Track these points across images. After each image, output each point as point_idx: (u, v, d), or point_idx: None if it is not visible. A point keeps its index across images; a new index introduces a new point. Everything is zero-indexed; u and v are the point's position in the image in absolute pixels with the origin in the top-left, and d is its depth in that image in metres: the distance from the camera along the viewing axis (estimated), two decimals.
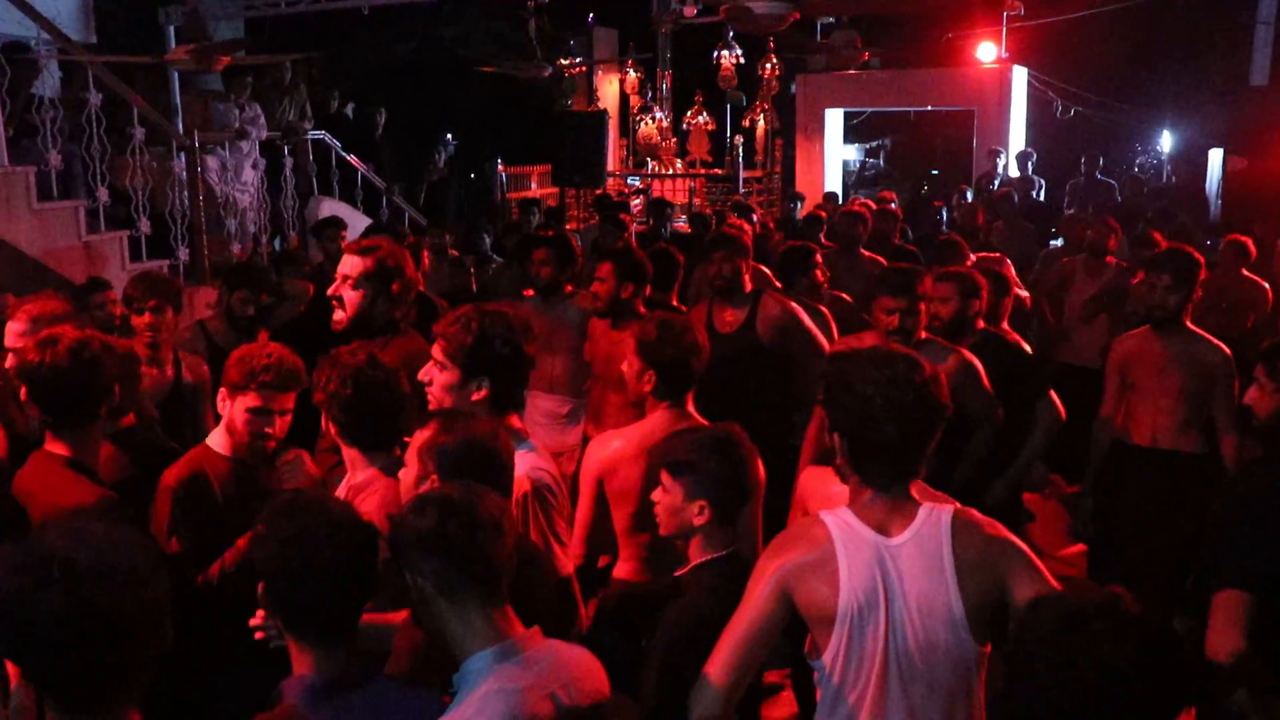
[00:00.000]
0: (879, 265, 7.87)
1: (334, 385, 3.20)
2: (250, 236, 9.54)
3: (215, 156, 9.19)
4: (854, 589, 2.46)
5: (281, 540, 2.25)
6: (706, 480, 2.99)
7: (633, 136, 19.11)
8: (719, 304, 5.75)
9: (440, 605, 2.28)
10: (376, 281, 4.18)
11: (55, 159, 7.62)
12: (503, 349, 3.26)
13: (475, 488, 2.38)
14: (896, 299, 4.62)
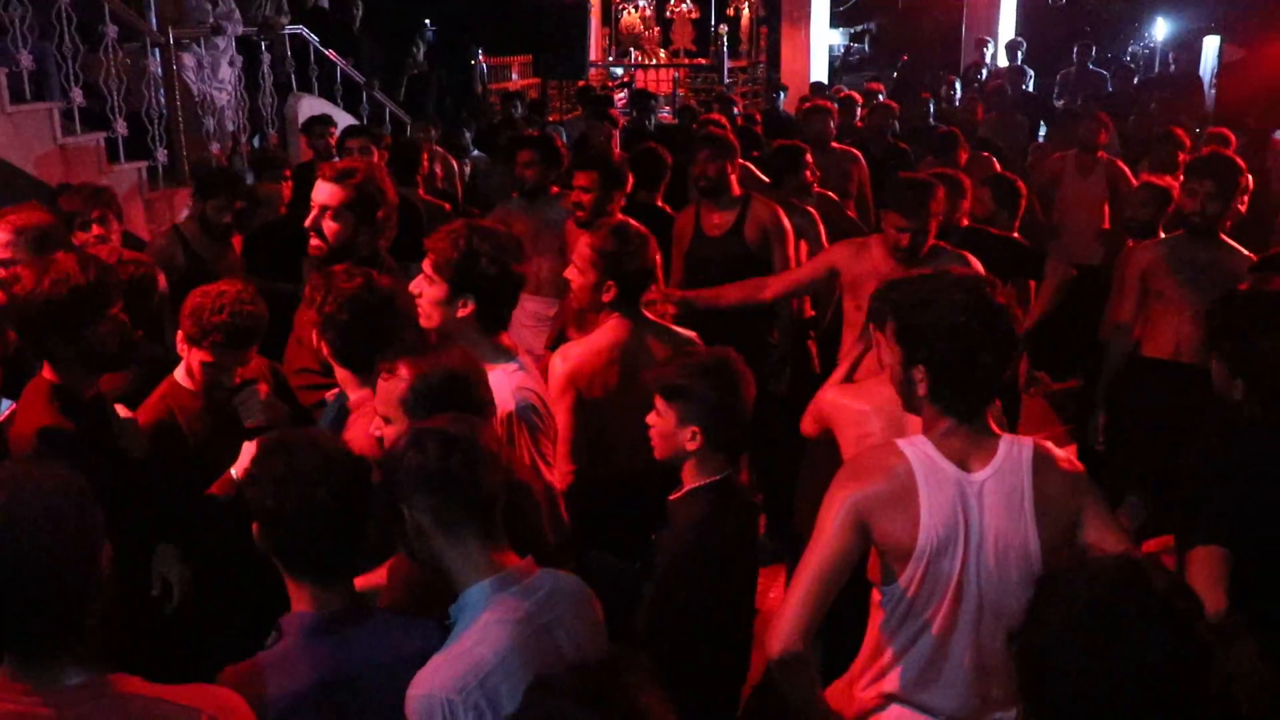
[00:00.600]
0: (853, 157, 7.83)
1: (329, 308, 3.16)
2: (229, 135, 9.33)
3: (191, 54, 8.93)
4: (934, 525, 2.44)
5: (274, 480, 2.22)
6: (699, 406, 2.98)
7: (615, 25, 18.79)
8: (706, 206, 5.69)
9: (438, 539, 2.29)
10: (358, 209, 3.97)
11: (26, 59, 7.39)
12: (489, 267, 3.22)
13: (471, 419, 2.38)
14: (908, 219, 4.54)
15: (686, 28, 18.50)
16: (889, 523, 2.46)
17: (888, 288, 2.64)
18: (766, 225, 5.60)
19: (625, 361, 3.74)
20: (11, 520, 1.83)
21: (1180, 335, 4.94)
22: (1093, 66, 13.13)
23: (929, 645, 2.52)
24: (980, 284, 2.50)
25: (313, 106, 9.81)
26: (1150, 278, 5.03)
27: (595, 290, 3.81)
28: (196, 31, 8.94)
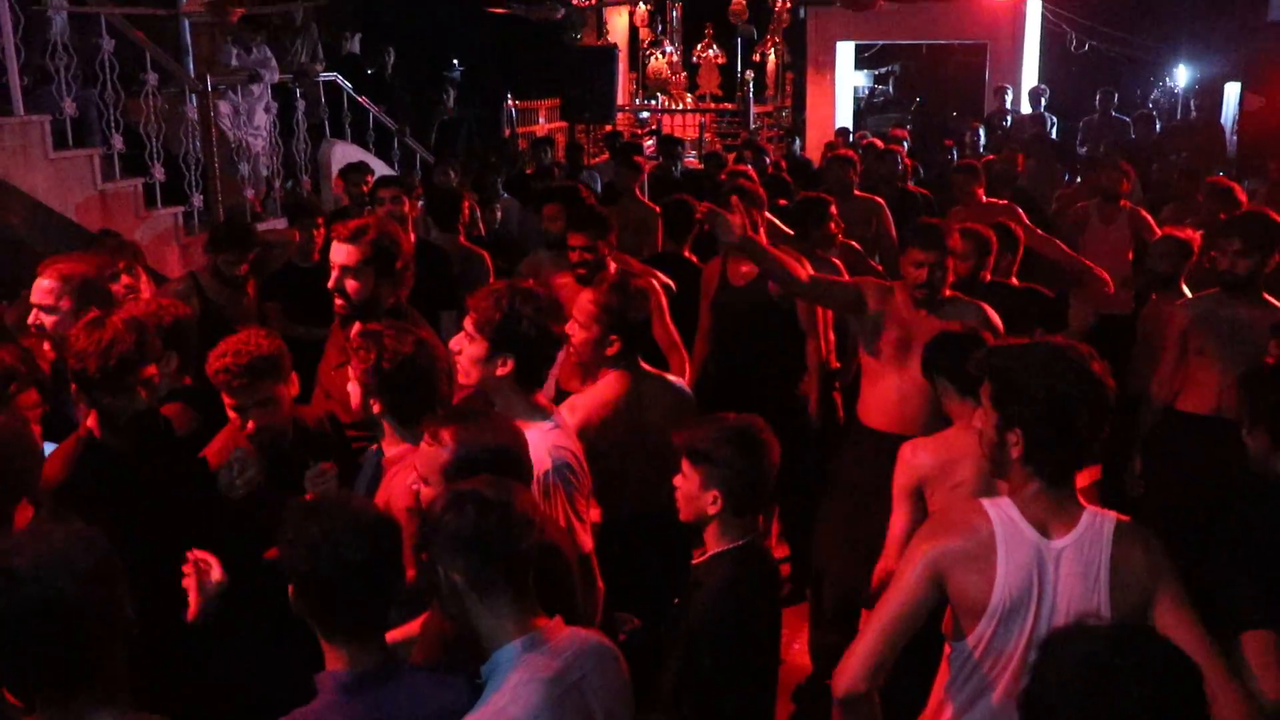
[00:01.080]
0: (876, 206, 7.91)
1: (387, 365, 3.21)
2: (263, 180, 9.52)
3: (227, 100, 9.14)
4: (1008, 587, 2.50)
5: (308, 545, 2.29)
6: (723, 471, 3.03)
7: (642, 70, 18.98)
8: (734, 257, 5.76)
9: (471, 599, 2.35)
10: (376, 264, 4.08)
11: (70, 106, 7.60)
12: (529, 329, 3.30)
13: (506, 483, 2.44)
14: (926, 252, 4.62)
15: (713, 73, 18.68)
16: (964, 579, 2.53)
17: (989, 352, 2.70)
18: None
19: (630, 412, 3.88)
20: (35, 576, 1.94)
21: (1222, 391, 4.95)
22: (1115, 114, 13.20)
23: (989, 706, 2.58)
24: (1080, 353, 2.55)
25: (345, 152, 9.99)
26: (1191, 336, 5.08)
27: (599, 345, 3.95)
28: (233, 79, 9.13)
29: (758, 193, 5.91)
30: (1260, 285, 4.99)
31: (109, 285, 4.68)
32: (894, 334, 4.72)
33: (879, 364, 4.80)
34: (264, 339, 3.46)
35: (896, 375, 4.72)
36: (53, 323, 4.00)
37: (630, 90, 18.62)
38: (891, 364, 4.74)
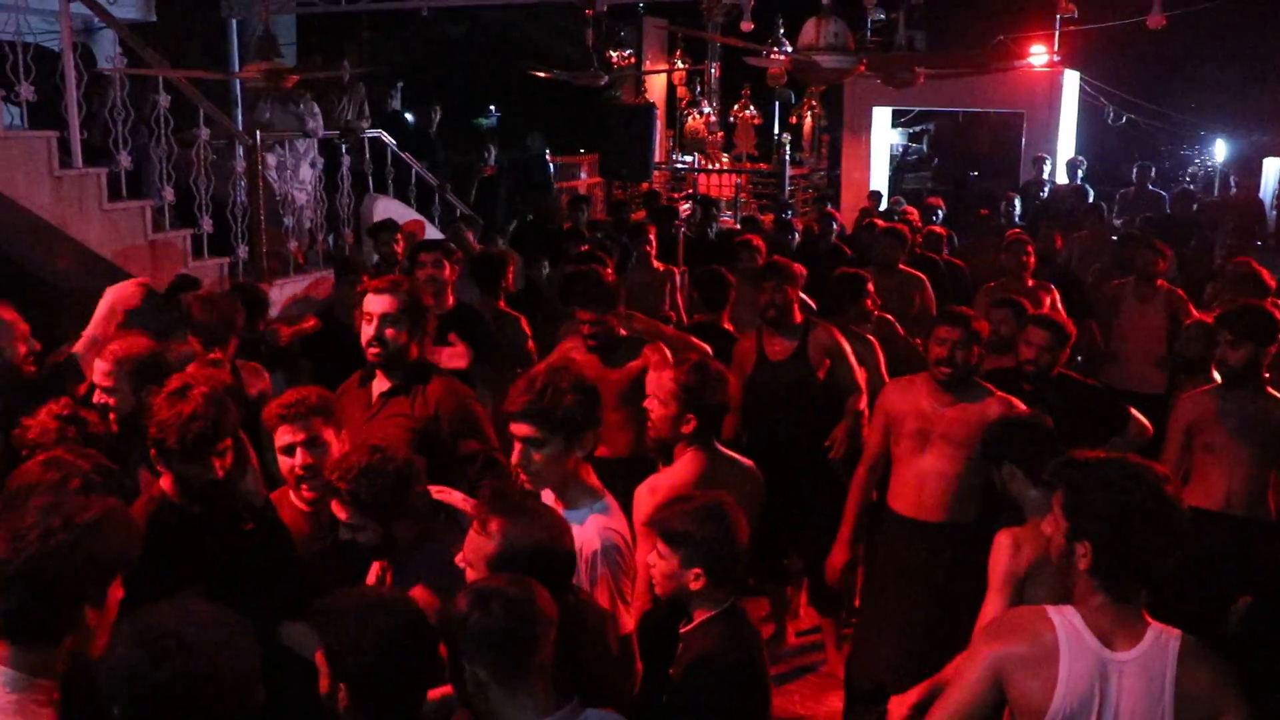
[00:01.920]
0: (918, 281, 7.96)
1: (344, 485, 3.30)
2: (306, 233, 9.69)
3: (274, 154, 9.34)
4: (1069, 695, 2.54)
5: (369, 641, 2.38)
6: (702, 549, 3.13)
7: (679, 128, 19.17)
8: (770, 332, 5.86)
9: (494, 691, 2.44)
10: (410, 315, 4.32)
11: (125, 160, 7.79)
12: (571, 413, 3.41)
13: (526, 580, 2.54)
14: (951, 329, 4.70)
15: (749, 133, 18.84)
16: (1025, 684, 2.58)
17: (1065, 462, 2.73)
18: (828, 347, 5.79)
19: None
20: (204, 651, 2.08)
21: (1231, 487, 4.93)
22: (1151, 187, 13.23)
23: None
24: (1157, 475, 2.61)
25: (387, 207, 10.14)
26: (1197, 431, 5.04)
27: (675, 422, 4.05)
28: (282, 134, 9.33)
29: (793, 269, 5.96)
30: (1259, 377, 4.95)
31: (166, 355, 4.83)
32: (912, 425, 4.81)
33: (900, 452, 4.89)
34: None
35: (916, 463, 4.80)
36: (114, 403, 4.11)
37: (667, 148, 18.80)
38: (911, 453, 4.82)
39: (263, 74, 7.57)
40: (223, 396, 3.46)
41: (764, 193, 17.56)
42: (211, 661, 2.08)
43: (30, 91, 7.16)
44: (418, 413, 4.29)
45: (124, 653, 2.10)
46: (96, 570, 2.37)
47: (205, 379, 3.80)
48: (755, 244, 8.02)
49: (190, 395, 3.35)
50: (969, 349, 4.71)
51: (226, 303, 5.27)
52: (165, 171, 8.09)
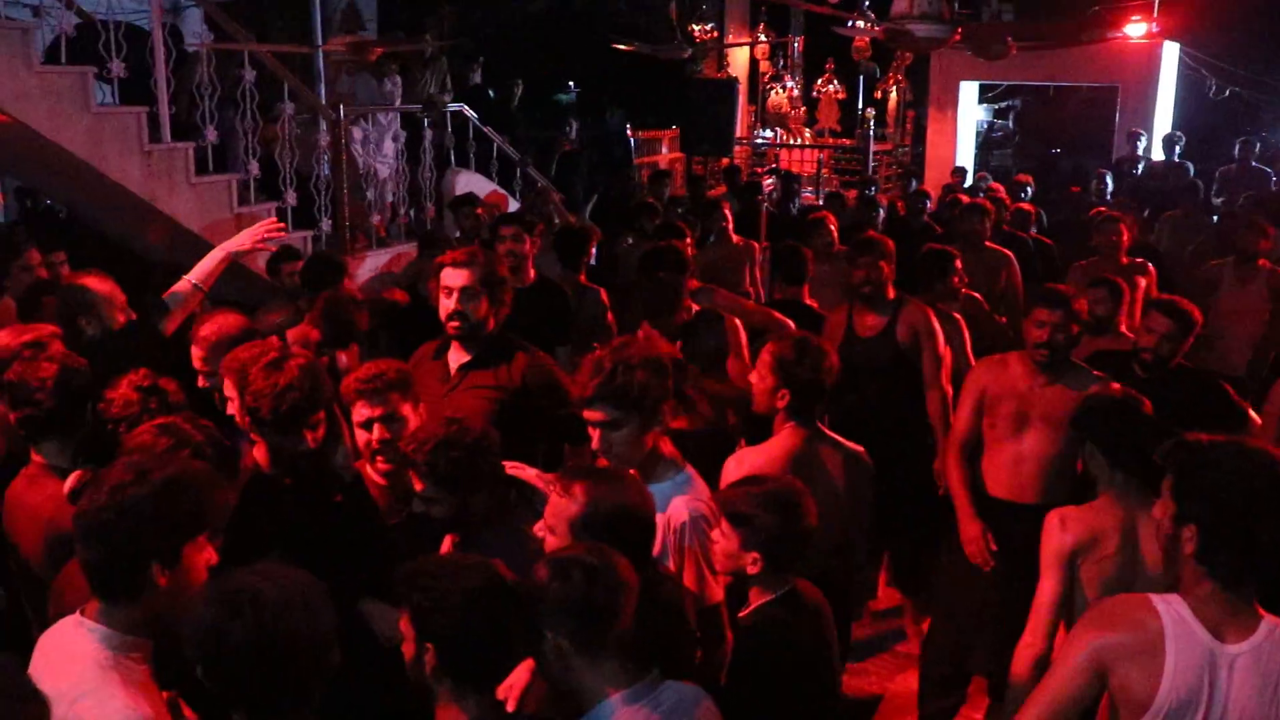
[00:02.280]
0: (1005, 259, 7.78)
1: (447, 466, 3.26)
2: (388, 207, 9.76)
3: (358, 127, 9.41)
4: (1176, 688, 2.44)
5: (457, 603, 2.36)
6: (762, 535, 3.10)
7: (762, 104, 18.98)
8: (860, 308, 5.75)
9: (575, 660, 2.44)
10: (488, 288, 4.31)
11: (212, 134, 7.88)
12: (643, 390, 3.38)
13: (605, 549, 2.54)
14: (1051, 311, 4.59)
15: (833, 108, 18.59)
16: (1128, 675, 2.49)
17: (1176, 444, 2.61)
18: (918, 327, 5.64)
19: (798, 471, 3.78)
20: (281, 609, 2.11)
21: None
22: (1255, 164, 12.79)
23: None
24: (1272, 459, 2.48)
25: (469, 181, 10.16)
26: None
27: (770, 395, 4.01)
28: (366, 109, 9.38)
29: (887, 244, 5.83)
30: None
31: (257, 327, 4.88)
32: (1009, 406, 4.71)
33: (995, 434, 4.78)
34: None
35: (1013, 445, 4.70)
36: (211, 384, 4.14)
37: (749, 123, 18.62)
38: (1007, 435, 4.72)
39: (348, 47, 7.62)
40: (317, 368, 3.49)
41: (846, 169, 17.32)
42: (287, 619, 2.10)
43: (121, 68, 7.26)
44: (502, 384, 4.27)
45: (202, 610, 2.14)
46: (165, 528, 2.36)
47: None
48: (828, 221, 7.92)
49: (286, 366, 3.39)
50: (1068, 330, 4.61)
51: (351, 307, 5.25)
52: (251, 146, 8.18)
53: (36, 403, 3.40)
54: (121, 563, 2.34)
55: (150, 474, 2.36)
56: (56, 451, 3.45)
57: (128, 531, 2.31)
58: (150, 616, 2.39)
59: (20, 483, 3.43)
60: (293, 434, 3.40)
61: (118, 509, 2.31)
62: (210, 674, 2.15)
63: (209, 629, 2.11)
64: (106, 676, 2.28)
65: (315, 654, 2.15)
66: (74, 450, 3.44)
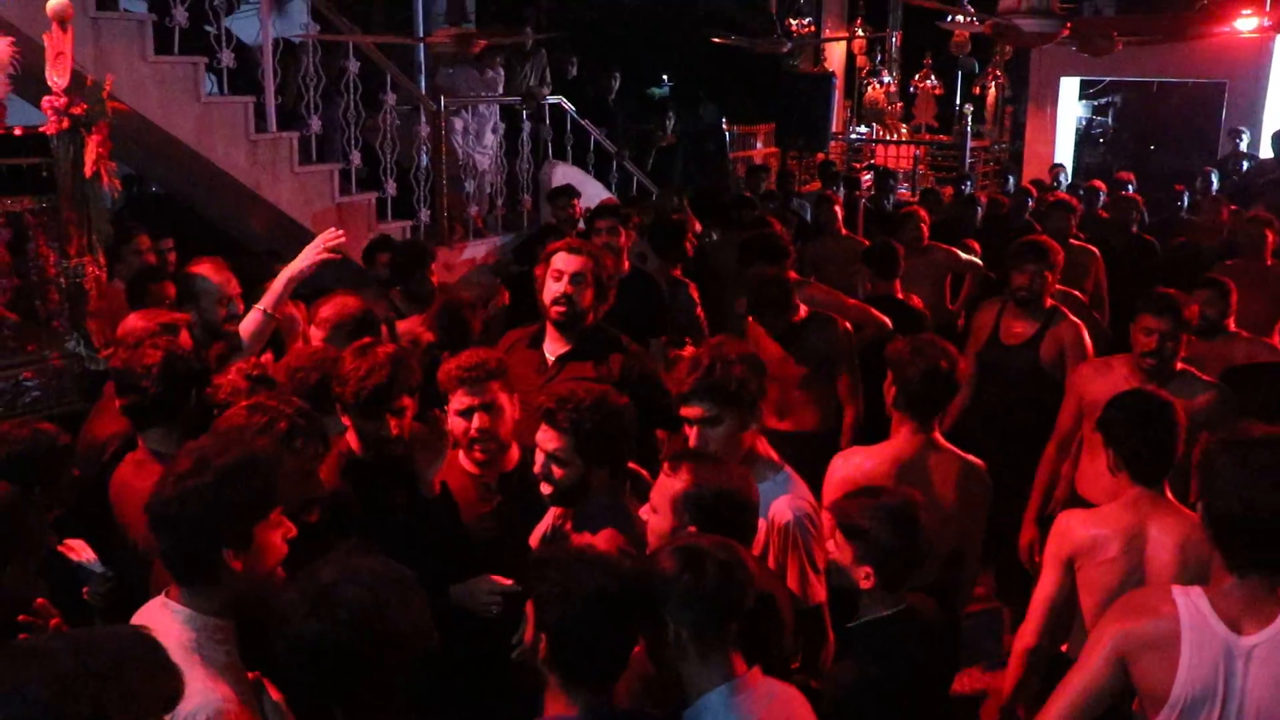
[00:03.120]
0: (1090, 254, 7.60)
1: (589, 426, 3.24)
2: (486, 198, 9.86)
3: (459, 118, 9.51)
4: (1191, 681, 2.43)
5: (573, 596, 2.35)
6: (875, 549, 3.02)
7: (858, 98, 18.80)
8: (1011, 313, 5.55)
9: (691, 650, 2.45)
10: (598, 279, 4.33)
11: (315, 124, 8.04)
12: (738, 388, 3.37)
13: (733, 545, 2.55)
14: (1159, 319, 4.46)
15: (930, 103, 18.32)
16: (1147, 666, 2.49)
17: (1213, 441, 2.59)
18: (1066, 344, 5.44)
19: (905, 477, 3.71)
20: (376, 612, 2.11)
21: None
22: None
23: None
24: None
25: (566, 174, 10.21)
26: None
27: (887, 391, 3.94)
28: (466, 100, 9.49)
29: (1054, 250, 5.64)
30: None
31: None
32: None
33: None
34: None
35: None
36: None
37: (844, 118, 18.46)
38: None
39: (452, 39, 7.71)
40: (406, 356, 3.53)
41: (943, 165, 17.09)
42: (380, 623, 2.10)
43: (230, 59, 7.43)
44: (601, 377, 4.26)
45: (293, 614, 2.13)
46: (230, 514, 2.37)
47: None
48: (920, 215, 7.82)
49: (373, 352, 3.44)
50: (1177, 338, 4.48)
51: (468, 312, 5.27)
52: (353, 136, 8.32)
53: (142, 390, 3.45)
54: (192, 551, 2.37)
55: (211, 462, 2.37)
56: (162, 438, 3.50)
57: (193, 521, 2.33)
58: (230, 598, 2.41)
59: (127, 468, 3.49)
60: (376, 418, 3.44)
61: (181, 499, 2.34)
62: (303, 676, 2.17)
63: (300, 635, 2.11)
64: (188, 658, 2.29)
65: (409, 650, 2.16)
66: (179, 437, 3.46)
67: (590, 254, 4.35)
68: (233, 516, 2.37)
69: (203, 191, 8.19)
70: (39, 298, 4.62)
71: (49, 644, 1.67)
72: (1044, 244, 5.66)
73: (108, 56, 6.54)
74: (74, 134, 4.42)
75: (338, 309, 4.23)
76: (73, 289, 4.58)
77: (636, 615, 2.40)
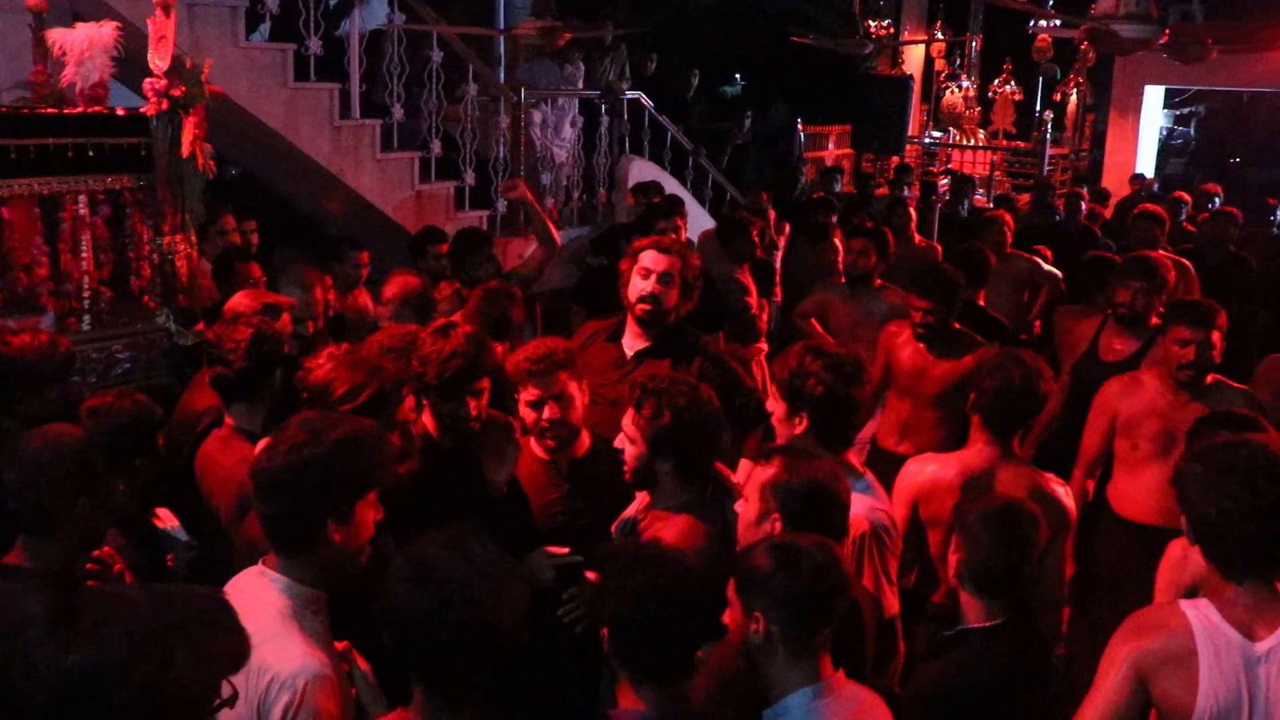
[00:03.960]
0: (1180, 267, 7.39)
1: (666, 418, 3.21)
2: (563, 190, 9.91)
3: (539, 111, 9.57)
4: (1214, 693, 2.40)
5: (630, 592, 2.38)
6: (976, 555, 2.99)
7: (935, 102, 18.61)
8: (1113, 329, 5.42)
9: (779, 648, 2.45)
10: (685, 279, 4.33)
11: (398, 112, 8.13)
12: (816, 388, 3.35)
13: (831, 546, 2.53)
14: (1194, 329, 4.40)
15: (1008, 109, 18.09)
16: (1167, 682, 2.46)
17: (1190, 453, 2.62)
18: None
19: (970, 489, 3.69)
20: (487, 594, 2.12)
21: None
22: None
23: None
24: (1264, 452, 2.46)
25: (641, 169, 10.24)
26: None
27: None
28: (546, 93, 9.54)
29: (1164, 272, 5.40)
30: None
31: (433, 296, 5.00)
32: (1153, 426, 4.52)
33: (1136, 455, 4.57)
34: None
35: (1159, 466, 4.43)
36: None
37: (921, 122, 18.30)
38: (1152, 456, 4.51)
39: (537, 31, 7.75)
40: (484, 338, 3.56)
41: (1020, 172, 16.87)
42: (492, 612, 2.11)
43: (318, 45, 7.53)
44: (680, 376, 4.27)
45: (405, 593, 2.14)
46: (339, 486, 2.41)
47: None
48: (1004, 221, 7.71)
49: (453, 333, 3.47)
50: (1212, 346, 4.41)
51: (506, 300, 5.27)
52: (435, 125, 8.40)
53: (229, 363, 3.53)
54: (298, 519, 2.41)
55: (324, 434, 2.41)
56: (246, 415, 3.59)
57: (303, 489, 2.38)
58: (325, 569, 2.46)
59: (213, 444, 3.58)
60: (455, 399, 3.45)
61: (292, 468, 2.37)
62: (406, 651, 2.18)
63: (413, 612, 2.12)
64: (287, 625, 2.36)
65: (505, 641, 2.16)
66: (264, 417, 3.57)
67: (679, 253, 4.35)
68: (342, 489, 2.42)
69: (284, 175, 8.32)
70: (133, 273, 4.74)
71: (129, 592, 1.71)
72: (1150, 260, 5.48)
73: (201, 41, 6.66)
74: (173, 115, 4.55)
75: (400, 287, 4.29)
76: (165, 265, 4.70)
77: (698, 613, 2.41)
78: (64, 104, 4.67)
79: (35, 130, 4.40)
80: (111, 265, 4.74)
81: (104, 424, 3.24)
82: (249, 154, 8.10)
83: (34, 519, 2.76)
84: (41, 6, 5.06)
